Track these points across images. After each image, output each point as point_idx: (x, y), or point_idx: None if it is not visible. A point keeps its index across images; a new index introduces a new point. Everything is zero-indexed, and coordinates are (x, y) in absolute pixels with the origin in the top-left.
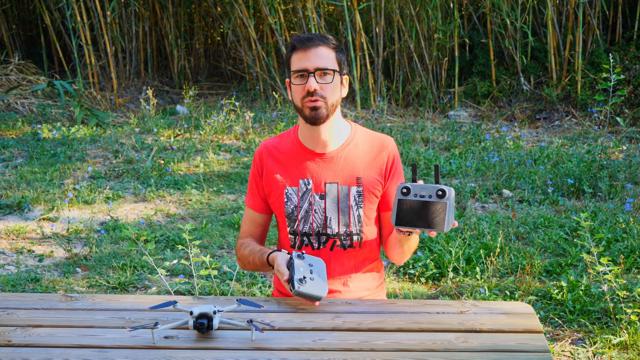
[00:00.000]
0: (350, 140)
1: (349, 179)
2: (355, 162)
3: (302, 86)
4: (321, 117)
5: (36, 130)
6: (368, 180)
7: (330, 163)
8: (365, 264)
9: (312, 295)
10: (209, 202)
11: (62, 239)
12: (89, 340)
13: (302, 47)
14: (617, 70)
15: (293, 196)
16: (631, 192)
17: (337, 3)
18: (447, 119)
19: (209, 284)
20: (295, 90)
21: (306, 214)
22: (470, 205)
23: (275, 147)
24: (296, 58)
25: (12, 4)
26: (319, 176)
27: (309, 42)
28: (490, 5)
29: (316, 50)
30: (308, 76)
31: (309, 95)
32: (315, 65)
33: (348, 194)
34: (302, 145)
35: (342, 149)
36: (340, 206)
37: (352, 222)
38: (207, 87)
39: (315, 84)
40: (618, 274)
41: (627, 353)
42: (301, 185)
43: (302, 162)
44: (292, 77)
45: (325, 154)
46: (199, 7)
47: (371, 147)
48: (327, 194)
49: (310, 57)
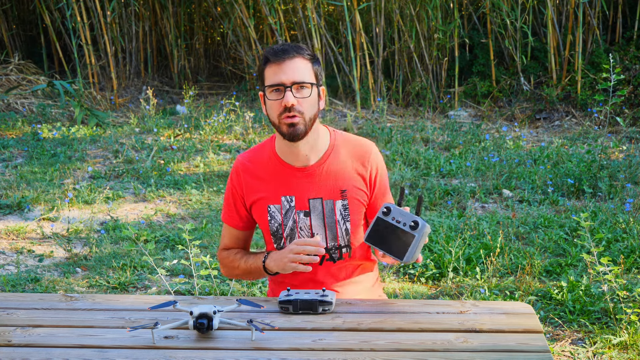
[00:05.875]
0: (331, 151)
1: (333, 192)
2: (337, 174)
3: (279, 101)
4: (299, 134)
5: (36, 130)
6: (352, 191)
7: (312, 177)
8: (357, 269)
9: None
10: (209, 202)
11: (62, 239)
12: (89, 340)
13: (277, 60)
14: (617, 70)
15: (276, 214)
16: (631, 192)
17: (337, 3)
18: (447, 119)
19: (209, 284)
20: (271, 106)
21: (292, 232)
22: (470, 205)
23: (253, 162)
24: (271, 71)
25: (12, 4)
26: (302, 192)
27: (283, 55)
28: (490, 5)
29: (292, 62)
30: (285, 90)
31: (286, 111)
32: (291, 79)
33: (333, 209)
34: (280, 160)
35: (322, 161)
36: (326, 222)
37: (340, 236)
38: (207, 87)
39: (292, 99)
40: (618, 274)
41: (627, 353)
42: (284, 203)
43: (282, 178)
44: (267, 91)
45: (306, 168)
46: (199, 7)
47: (353, 156)
48: (312, 210)
49: (285, 70)
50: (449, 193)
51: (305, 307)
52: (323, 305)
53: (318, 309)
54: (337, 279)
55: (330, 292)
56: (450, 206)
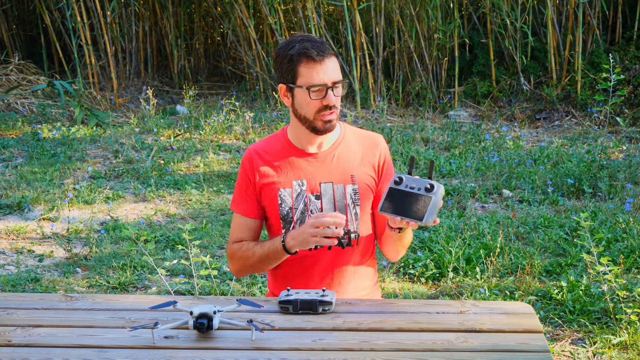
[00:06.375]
0: (341, 139)
1: (343, 177)
2: (347, 161)
3: (319, 100)
4: (333, 128)
5: (36, 130)
6: (362, 177)
7: (324, 163)
8: (362, 261)
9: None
10: (209, 202)
11: (62, 239)
12: (89, 340)
13: (318, 58)
14: (617, 70)
15: (287, 198)
16: (631, 192)
17: (337, 3)
18: (447, 119)
19: (209, 284)
20: (310, 104)
21: (302, 215)
22: (470, 205)
23: (265, 150)
24: (311, 70)
25: (12, 4)
26: (314, 176)
27: (323, 53)
28: (490, 5)
29: (330, 61)
30: (326, 90)
31: (326, 109)
32: (332, 79)
33: (344, 193)
34: (293, 146)
35: (333, 148)
36: (337, 205)
37: (350, 220)
38: (207, 87)
39: (334, 99)
40: (618, 274)
41: (627, 353)
42: (295, 187)
43: (294, 163)
44: (307, 90)
45: (318, 153)
46: (199, 7)
47: (362, 145)
48: (323, 194)
49: (326, 69)
50: (449, 193)
51: (305, 307)
52: (323, 305)
53: (318, 309)
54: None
55: (330, 292)
56: (450, 206)
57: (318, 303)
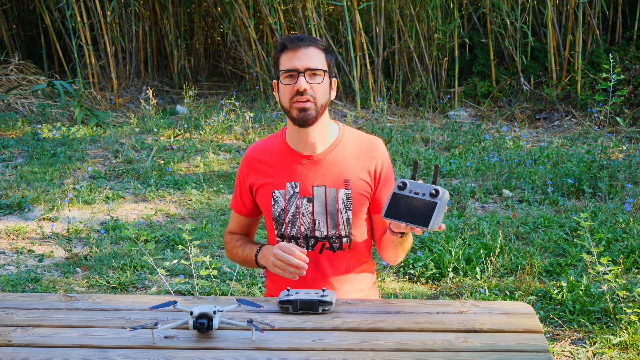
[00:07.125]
0: (339, 142)
1: (337, 181)
2: (343, 164)
3: (292, 86)
4: (310, 119)
5: (36, 130)
6: (356, 182)
7: (318, 165)
8: (357, 265)
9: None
10: (209, 202)
11: (62, 239)
12: (89, 340)
13: (292, 47)
14: (617, 70)
15: (280, 199)
16: (631, 192)
17: (337, 3)
18: (447, 119)
19: (209, 284)
20: (284, 90)
21: (293, 217)
22: (470, 205)
23: (263, 150)
24: (286, 58)
25: (12, 4)
26: (307, 179)
27: (299, 42)
28: (490, 5)
29: (306, 50)
30: (298, 76)
31: (298, 94)
32: (305, 65)
33: (336, 197)
34: (289, 148)
35: (329, 150)
36: (328, 209)
37: (341, 225)
38: (207, 87)
39: (305, 84)
40: (618, 274)
41: (627, 353)
42: (288, 189)
43: (289, 165)
44: (281, 76)
45: (313, 156)
46: (199, 7)
47: (360, 149)
48: (315, 197)
49: (300, 56)
50: (449, 193)
51: (305, 307)
52: (323, 305)
53: (318, 309)
54: (335, 270)
55: (330, 292)
56: (451, 206)
57: (318, 303)
